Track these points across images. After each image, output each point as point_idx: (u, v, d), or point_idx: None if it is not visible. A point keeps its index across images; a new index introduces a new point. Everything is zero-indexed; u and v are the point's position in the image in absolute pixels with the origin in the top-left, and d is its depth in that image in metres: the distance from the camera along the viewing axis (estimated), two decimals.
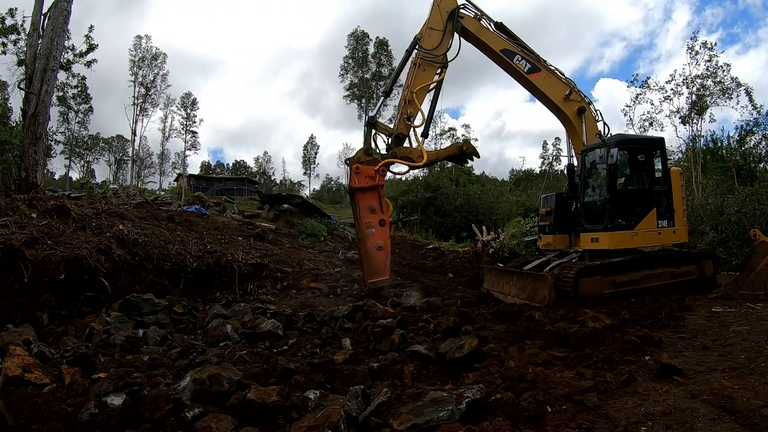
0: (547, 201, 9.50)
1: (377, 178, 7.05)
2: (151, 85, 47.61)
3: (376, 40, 52.16)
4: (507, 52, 8.76)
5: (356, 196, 7.06)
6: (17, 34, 17.36)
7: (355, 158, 7.35)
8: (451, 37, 8.36)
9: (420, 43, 8.14)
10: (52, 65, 10.58)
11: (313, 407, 3.39)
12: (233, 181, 60.99)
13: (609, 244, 7.87)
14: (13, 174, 10.50)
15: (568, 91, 8.85)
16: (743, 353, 4.40)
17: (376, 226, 6.90)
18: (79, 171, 59.49)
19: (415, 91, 7.97)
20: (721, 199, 14.75)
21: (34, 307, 6.26)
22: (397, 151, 7.68)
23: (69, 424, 3.12)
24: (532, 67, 8.80)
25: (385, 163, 7.27)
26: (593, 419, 3.15)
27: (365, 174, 7.03)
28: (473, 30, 8.60)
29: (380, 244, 6.87)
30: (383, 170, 7.20)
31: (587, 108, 8.92)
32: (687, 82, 26.62)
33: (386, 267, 6.95)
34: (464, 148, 8.34)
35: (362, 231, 6.99)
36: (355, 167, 7.12)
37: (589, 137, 8.79)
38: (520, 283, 8.05)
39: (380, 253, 6.90)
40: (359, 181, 7.01)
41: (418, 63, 8.10)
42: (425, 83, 8.13)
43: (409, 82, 8.09)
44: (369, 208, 6.95)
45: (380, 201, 6.97)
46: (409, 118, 7.81)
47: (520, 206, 30.33)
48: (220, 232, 10.99)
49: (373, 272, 6.95)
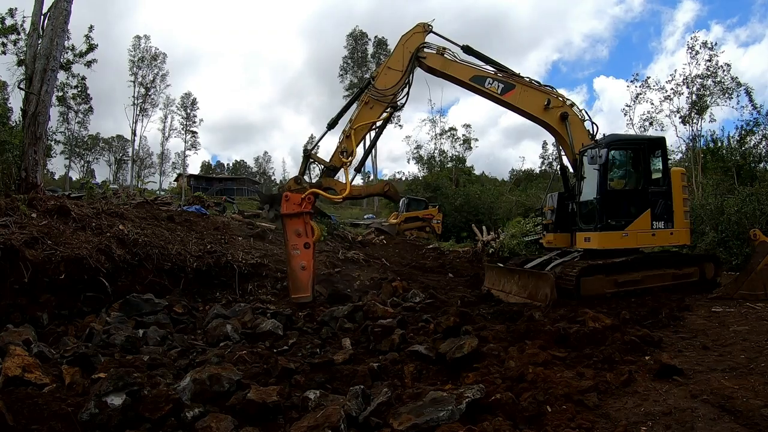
0: (550, 200, 9.54)
1: (303, 205, 7.60)
2: (150, 85, 47.65)
3: (375, 39, 52.23)
4: (477, 78, 8.73)
5: (285, 221, 7.68)
6: (17, 34, 17.40)
7: (286, 187, 7.98)
8: (408, 79, 8.49)
9: (373, 83, 8.41)
10: (52, 65, 10.57)
11: (313, 407, 3.39)
12: (233, 181, 60.97)
13: (599, 244, 7.90)
14: (13, 174, 10.49)
15: (547, 100, 8.71)
16: (743, 353, 4.41)
17: (301, 248, 7.48)
18: (79, 171, 59.55)
19: (355, 127, 8.27)
20: (721, 199, 14.75)
21: (34, 307, 6.25)
22: (323, 182, 8.17)
23: (69, 424, 3.12)
24: (505, 86, 8.71)
25: (311, 192, 7.78)
26: (593, 419, 3.15)
27: (293, 201, 7.61)
28: (438, 67, 8.65)
29: (303, 264, 7.45)
30: (310, 198, 7.71)
31: (570, 111, 8.79)
32: (687, 81, 26.65)
33: (308, 285, 7.46)
34: (385, 190, 8.72)
35: (289, 252, 7.61)
36: (285, 195, 7.75)
37: (577, 139, 8.71)
38: (522, 281, 8.06)
39: (303, 273, 7.45)
40: (287, 207, 7.62)
41: (366, 101, 8.38)
42: (369, 121, 8.40)
43: (353, 117, 8.39)
44: (295, 231, 7.53)
45: (305, 226, 7.54)
46: (344, 153, 8.16)
47: (520, 206, 30.35)
48: (220, 232, 10.98)
49: (296, 289, 7.50)
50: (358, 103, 8.52)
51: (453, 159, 51.28)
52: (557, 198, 9.22)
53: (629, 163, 8.65)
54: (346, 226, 20.81)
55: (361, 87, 8.74)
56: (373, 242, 17.01)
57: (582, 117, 8.94)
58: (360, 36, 52.70)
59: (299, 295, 7.43)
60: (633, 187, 8.43)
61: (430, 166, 49.58)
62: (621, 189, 8.50)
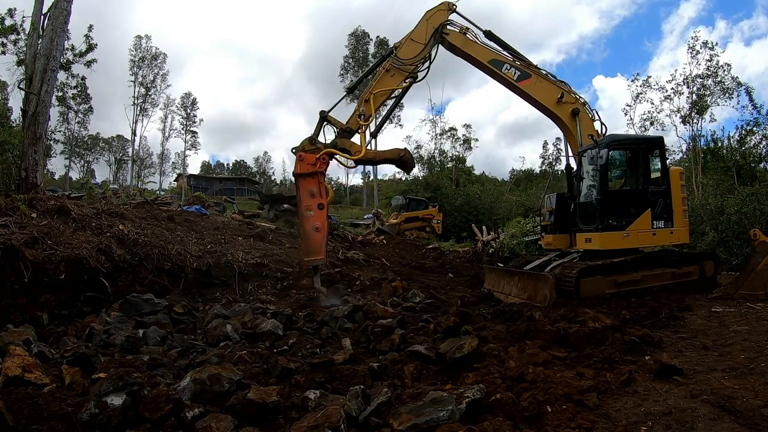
0: (548, 201, 9.53)
1: (318, 164, 7.47)
2: (151, 85, 47.65)
3: (377, 39, 52.22)
4: (495, 62, 8.87)
5: (298, 181, 7.55)
6: (17, 34, 17.39)
7: (300, 147, 7.77)
8: (430, 52, 8.58)
9: (396, 52, 8.48)
10: (52, 65, 10.57)
11: (313, 407, 3.39)
12: (233, 181, 60.99)
13: (600, 245, 7.90)
14: (13, 174, 10.50)
15: (560, 93, 8.82)
16: (743, 353, 4.40)
17: (314, 209, 7.35)
18: (79, 171, 59.51)
19: (375, 92, 8.31)
20: (721, 199, 14.76)
21: (34, 307, 6.26)
22: (338, 142, 8.01)
23: (69, 424, 3.12)
24: (521, 74, 8.85)
25: (326, 152, 7.68)
26: (593, 419, 3.15)
27: (307, 161, 7.48)
28: (459, 45, 8.78)
29: (317, 225, 7.32)
30: (324, 158, 7.62)
31: (582, 109, 8.89)
32: (687, 81, 26.67)
33: (322, 247, 7.34)
34: (402, 155, 8.65)
35: (302, 213, 7.48)
36: (298, 155, 7.61)
37: (585, 138, 8.78)
38: (521, 283, 8.06)
39: (317, 234, 7.33)
40: (301, 167, 7.48)
41: (387, 68, 8.44)
42: (388, 88, 8.46)
43: (374, 83, 8.43)
44: (309, 192, 7.41)
45: (319, 186, 7.42)
46: (361, 116, 8.12)
47: (520, 206, 30.35)
48: (220, 232, 10.98)
49: (310, 251, 7.36)
50: (379, 70, 8.57)
51: (453, 159, 51.32)
52: (555, 199, 9.23)
53: (628, 163, 8.65)
54: (346, 226, 20.81)
55: (383, 55, 8.81)
56: (373, 242, 17.00)
57: (593, 116, 9.01)
58: (361, 36, 52.67)
59: (313, 258, 7.29)
60: (633, 187, 8.43)
61: (431, 166, 49.60)
62: (621, 189, 8.50)
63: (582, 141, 8.73)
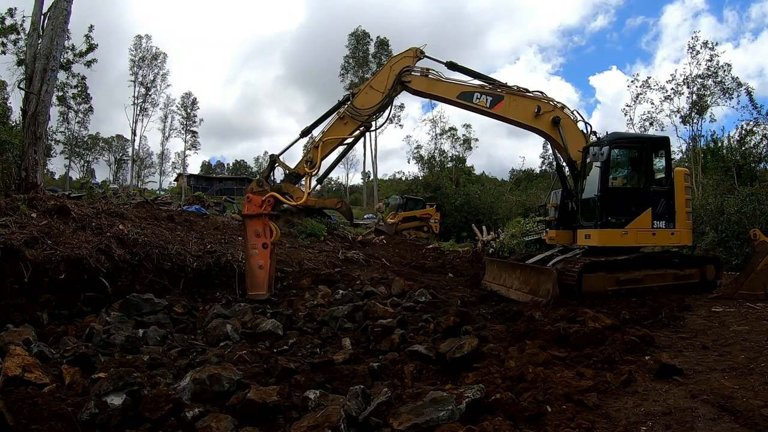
0: (554, 196, 9.55)
1: (264, 206, 7.84)
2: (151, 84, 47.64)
3: (377, 39, 52.21)
4: (464, 95, 8.65)
5: (245, 221, 7.96)
6: (17, 34, 17.42)
7: (249, 188, 8.21)
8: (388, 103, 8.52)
9: (353, 99, 8.43)
10: (52, 65, 10.57)
11: (313, 407, 3.39)
12: (233, 181, 60.94)
13: (599, 242, 7.91)
14: (13, 174, 10.50)
15: (537, 107, 8.64)
16: (743, 353, 4.41)
17: (259, 248, 7.71)
18: (79, 171, 59.47)
19: (324, 140, 8.34)
20: (721, 199, 14.74)
21: (34, 307, 6.26)
22: (283, 186, 8.30)
23: (69, 424, 3.12)
24: (493, 99, 8.61)
25: (270, 195, 7.99)
26: (593, 419, 3.15)
27: (254, 203, 7.88)
28: (424, 89, 8.67)
29: (261, 263, 7.69)
30: (270, 201, 7.94)
31: (561, 115, 8.71)
32: (687, 81, 26.65)
33: (264, 284, 7.68)
34: (338, 206, 8.88)
35: (248, 251, 7.84)
36: (247, 196, 8.03)
37: (571, 141, 8.66)
38: (523, 276, 8.03)
39: (260, 271, 7.69)
40: (248, 208, 7.90)
41: (341, 115, 8.41)
42: (339, 136, 8.43)
43: (325, 129, 8.44)
44: (255, 232, 7.75)
45: (264, 227, 7.76)
46: (308, 162, 8.29)
47: (520, 206, 30.30)
48: (220, 231, 10.97)
49: (253, 286, 7.71)
50: (333, 116, 8.51)
51: (453, 159, 51.31)
52: (560, 195, 9.22)
53: (631, 161, 8.63)
54: (346, 226, 20.79)
55: (341, 100, 8.71)
56: (373, 242, 17.00)
57: (575, 118, 8.88)
58: (362, 36, 52.63)
59: (255, 293, 7.63)
60: (634, 185, 8.42)
61: (431, 166, 49.59)
62: (622, 187, 8.47)
63: (569, 146, 8.59)
